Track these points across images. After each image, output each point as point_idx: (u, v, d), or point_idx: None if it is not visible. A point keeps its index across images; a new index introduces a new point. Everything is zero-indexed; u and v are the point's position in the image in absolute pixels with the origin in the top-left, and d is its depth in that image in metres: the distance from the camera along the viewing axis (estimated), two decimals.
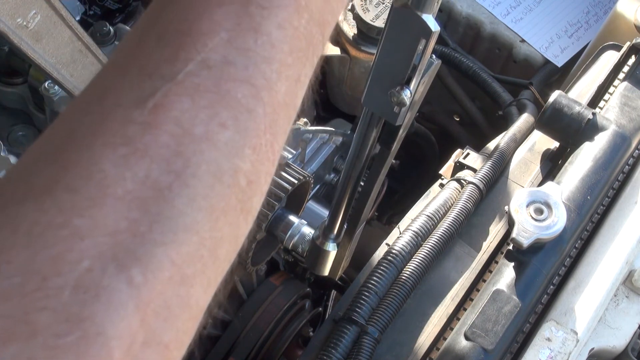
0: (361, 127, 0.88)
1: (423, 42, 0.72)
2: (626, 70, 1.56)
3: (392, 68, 0.76)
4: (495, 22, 2.10)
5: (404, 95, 0.76)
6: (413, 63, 0.75)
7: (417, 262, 1.28)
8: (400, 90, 0.76)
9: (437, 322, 1.30)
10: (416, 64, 0.75)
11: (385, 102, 0.79)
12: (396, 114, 0.80)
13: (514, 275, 1.26)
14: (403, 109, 0.79)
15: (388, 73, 0.77)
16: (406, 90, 0.76)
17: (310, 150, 1.61)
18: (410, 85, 0.76)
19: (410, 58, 0.74)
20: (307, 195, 1.30)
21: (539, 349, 1.22)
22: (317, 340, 1.26)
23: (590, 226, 1.40)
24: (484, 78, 2.00)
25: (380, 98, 0.79)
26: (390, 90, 0.77)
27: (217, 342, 1.77)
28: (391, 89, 0.77)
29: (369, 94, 0.80)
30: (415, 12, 0.70)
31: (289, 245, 1.21)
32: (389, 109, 0.80)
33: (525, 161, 1.52)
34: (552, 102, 1.44)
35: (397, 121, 0.82)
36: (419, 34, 0.72)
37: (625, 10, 1.79)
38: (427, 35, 0.72)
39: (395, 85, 0.77)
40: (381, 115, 0.84)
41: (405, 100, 0.77)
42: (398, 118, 0.81)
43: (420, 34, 0.72)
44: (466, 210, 1.36)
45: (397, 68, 0.76)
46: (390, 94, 0.77)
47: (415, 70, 0.76)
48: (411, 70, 0.76)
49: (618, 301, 1.38)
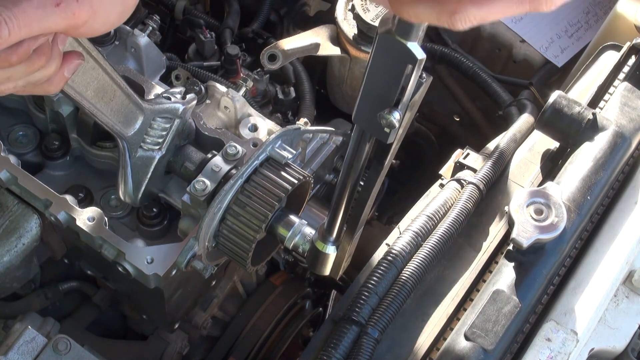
0: (353, 142, 0.86)
1: (410, 68, 0.71)
2: (626, 71, 1.56)
3: (381, 90, 0.75)
4: (495, 22, 2.10)
5: (392, 118, 0.74)
6: (401, 86, 0.73)
7: (417, 263, 1.28)
8: (389, 113, 0.74)
9: (437, 322, 1.30)
10: (404, 86, 0.73)
11: (375, 123, 0.77)
12: (387, 133, 0.78)
13: (514, 275, 1.26)
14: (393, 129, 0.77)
15: (377, 95, 0.75)
16: (395, 112, 0.75)
17: (310, 150, 1.61)
18: (399, 107, 0.75)
19: (397, 81, 0.73)
20: (307, 195, 1.30)
21: (539, 349, 1.22)
22: (317, 341, 1.26)
23: (590, 226, 1.40)
24: (484, 78, 2.00)
25: (371, 117, 0.77)
26: (379, 112, 0.75)
27: (217, 342, 1.78)
28: (380, 110, 0.75)
29: (359, 112, 0.79)
30: (400, 40, 0.68)
31: (290, 245, 1.21)
32: (380, 128, 0.78)
33: (525, 161, 1.53)
34: (552, 102, 1.44)
35: (388, 140, 0.80)
36: (405, 61, 0.70)
37: (625, 11, 1.79)
38: (413, 62, 0.70)
39: (384, 107, 0.75)
40: (372, 134, 0.83)
41: (395, 123, 0.75)
42: (389, 137, 0.79)
43: (407, 61, 0.70)
44: (466, 210, 1.36)
45: (385, 90, 0.74)
46: (379, 117, 0.75)
47: (404, 92, 0.74)
48: (399, 92, 0.74)
49: (618, 301, 1.38)
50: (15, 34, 0.73)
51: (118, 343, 1.75)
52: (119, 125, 1.19)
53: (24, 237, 1.32)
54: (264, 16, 2.12)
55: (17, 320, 1.33)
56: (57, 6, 0.74)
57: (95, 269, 1.52)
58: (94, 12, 0.78)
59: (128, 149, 1.24)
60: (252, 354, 1.74)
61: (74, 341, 1.23)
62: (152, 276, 1.23)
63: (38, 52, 0.79)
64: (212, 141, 1.35)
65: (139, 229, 1.39)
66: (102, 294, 1.68)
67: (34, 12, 0.73)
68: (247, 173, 1.18)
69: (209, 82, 1.63)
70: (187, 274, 1.30)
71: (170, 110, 1.27)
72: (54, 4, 0.74)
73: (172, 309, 1.47)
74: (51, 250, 1.44)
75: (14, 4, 0.72)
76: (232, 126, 1.56)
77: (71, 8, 0.75)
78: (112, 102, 1.15)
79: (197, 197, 1.20)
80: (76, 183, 1.44)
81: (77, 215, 1.26)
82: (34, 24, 0.73)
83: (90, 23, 0.78)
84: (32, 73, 0.80)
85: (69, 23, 0.76)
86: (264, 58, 1.72)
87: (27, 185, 1.29)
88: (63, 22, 0.76)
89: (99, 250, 1.26)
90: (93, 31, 0.81)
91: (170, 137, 1.29)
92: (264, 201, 1.17)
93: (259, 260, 1.28)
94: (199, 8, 2.16)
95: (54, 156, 1.45)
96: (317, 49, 1.79)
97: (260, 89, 1.84)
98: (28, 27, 0.73)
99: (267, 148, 1.21)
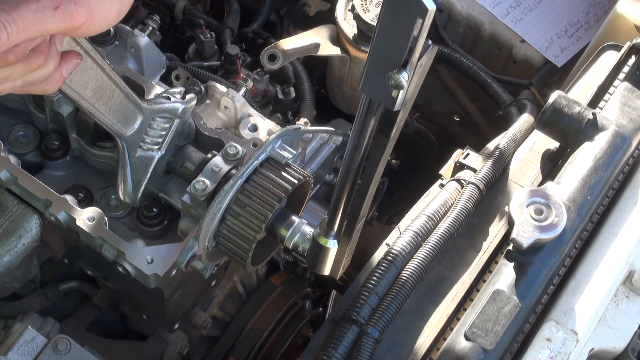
0: (359, 116, 0.87)
1: (419, 22, 0.70)
2: (626, 70, 1.56)
3: (389, 51, 0.75)
4: (495, 22, 2.10)
5: (401, 77, 0.75)
6: (409, 45, 0.73)
7: (417, 262, 1.28)
8: (398, 72, 0.75)
9: (437, 322, 1.30)
10: (413, 46, 0.73)
11: (383, 87, 0.78)
12: (394, 99, 0.79)
13: (514, 275, 1.26)
14: (400, 93, 0.78)
15: (385, 56, 0.76)
16: (403, 72, 0.75)
17: (310, 150, 1.61)
18: (407, 67, 0.75)
19: (406, 39, 0.73)
20: (307, 195, 1.30)
21: (539, 349, 1.22)
22: (317, 341, 1.26)
23: (590, 226, 1.40)
24: (484, 78, 2.00)
25: (378, 83, 0.78)
26: (388, 72, 0.76)
27: (217, 342, 1.78)
28: (388, 72, 0.76)
29: (367, 80, 0.79)
30: None
31: (290, 244, 1.21)
32: (387, 95, 0.79)
33: (525, 161, 1.52)
34: (552, 102, 1.44)
35: (395, 106, 0.80)
36: (415, 13, 0.70)
37: (625, 11, 1.79)
38: (423, 13, 0.69)
39: (392, 68, 0.75)
40: (379, 102, 0.83)
41: (403, 83, 0.75)
42: (396, 103, 0.80)
43: (416, 14, 0.70)
44: (466, 210, 1.36)
45: (393, 50, 0.75)
46: (388, 77, 0.76)
47: (412, 52, 0.74)
48: (408, 52, 0.74)
49: (618, 301, 1.38)
50: (14, 38, 0.73)
51: (118, 343, 1.75)
52: (118, 125, 1.19)
53: (24, 237, 1.32)
54: (264, 16, 2.12)
55: (17, 320, 1.33)
56: (56, 9, 0.75)
57: (95, 269, 1.52)
58: (92, 13, 0.78)
59: (127, 148, 1.24)
60: (252, 354, 1.73)
61: (74, 341, 1.23)
62: (152, 276, 1.23)
63: (36, 52, 0.79)
64: (212, 141, 1.36)
65: (139, 229, 1.39)
66: (102, 294, 1.68)
67: (32, 16, 0.73)
68: (247, 173, 1.18)
69: (209, 82, 1.63)
70: (187, 274, 1.30)
71: (170, 110, 1.27)
72: (53, 8, 0.74)
73: (172, 309, 1.47)
74: (51, 250, 1.44)
75: (12, 8, 0.72)
76: (232, 126, 1.56)
77: (69, 11, 0.76)
78: (110, 101, 1.15)
79: (197, 197, 1.20)
80: (76, 183, 1.44)
81: (77, 215, 1.26)
82: (32, 27, 0.74)
83: (87, 24, 0.79)
84: (30, 72, 0.81)
85: (67, 25, 0.77)
86: (264, 58, 1.72)
87: (27, 185, 1.29)
88: (61, 25, 0.76)
89: (99, 250, 1.26)
90: (90, 31, 0.82)
91: (170, 137, 1.29)
92: (264, 201, 1.17)
93: (259, 261, 1.28)
94: (199, 8, 2.16)
95: (54, 156, 1.45)
96: (317, 49, 1.79)
97: (260, 89, 1.84)
98: (27, 31, 0.74)
99: (267, 148, 1.21)
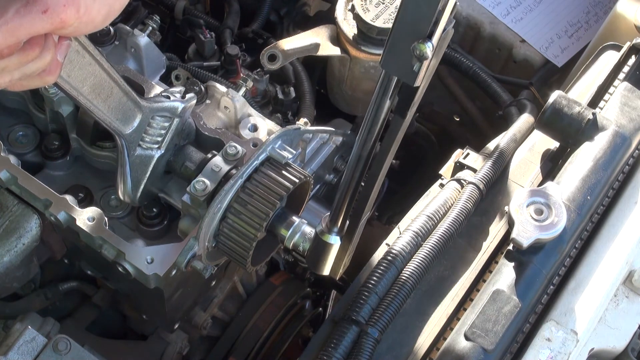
0: (375, 99, 0.87)
1: None
2: (626, 70, 1.56)
3: (415, 21, 0.76)
4: (495, 22, 2.10)
5: (427, 46, 0.76)
6: (435, 17, 0.75)
7: (417, 262, 1.28)
8: (423, 42, 0.76)
9: (437, 322, 1.30)
10: (438, 18, 0.75)
11: (404, 62, 0.79)
12: (415, 74, 0.80)
13: (514, 275, 1.26)
14: (422, 68, 0.78)
15: (410, 28, 0.77)
16: (429, 42, 0.76)
17: (310, 150, 1.61)
18: (432, 38, 0.76)
19: (433, 9, 0.74)
20: (307, 195, 1.30)
21: (539, 349, 1.22)
22: (317, 341, 1.26)
23: (590, 226, 1.40)
24: (483, 78, 2.00)
25: (399, 58, 0.79)
26: (413, 44, 0.77)
27: (217, 342, 1.78)
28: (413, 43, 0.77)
29: (388, 55, 0.80)
30: None
31: (290, 244, 1.21)
32: (408, 70, 0.79)
33: (525, 161, 1.52)
34: (552, 102, 1.44)
35: (415, 81, 0.81)
36: None
37: (625, 11, 1.79)
38: None
39: (418, 39, 0.76)
40: (399, 77, 0.84)
41: (428, 53, 0.76)
42: (417, 78, 0.80)
43: None
44: (466, 210, 1.36)
45: (420, 21, 0.76)
46: (413, 48, 0.77)
47: (437, 24, 0.76)
48: (433, 24, 0.76)
49: (618, 301, 1.38)
50: (2, 42, 0.75)
51: (118, 343, 1.75)
52: (117, 123, 1.19)
53: (24, 237, 1.32)
54: (264, 16, 2.12)
55: (17, 320, 1.33)
56: (44, 13, 0.76)
57: (95, 269, 1.52)
58: (80, 16, 0.80)
59: (126, 146, 1.24)
60: (252, 354, 1.73)
61: (74, 341, 1.23)
62: (152, 276, 1.23)
63: (31, 43, 0.80)
64: (212, 141, 1.36)
65: (139, 229, 1.39)
66: (102, 294, 1.68)
67: (20, 19, 0.75)
68: (248, 173, 1.18)
69: (208, 82, 1.63)
70: (187, 274, 1.30)
71: (169, 108, 1.27)
72: (41, 11, 0.76)
73: (172, 309, 1.47)
74: (51, 250, 1.44)
75: (0, 13, 0.74)
76: (232, 126, 1.56)
77: (58, 13, 0.77)
78: (109, 98, 1.14)
79: (197, 197, 1.20)
80: (76, 183, 1.44)
81: (77, 215, 1.26)
82: (21, 30, 0.75)
83: (76, 25, 0.80)
84: (27, 64, 0.82)
85: (55, 27, 0.78)
86: (264, 58, 1.72)
87: (27, 185, 1.29)
88: (50, 27, 0.78)
89: (99, 250, 1.26)
90: (78, 33, 0.83)
91: (170, 136, 1.29)
92: (266, 199, 1.17)
93: (259, 261, 1.28)
94: (199, 8, 2.16)
95: (54, 156, 1.45)
96: (317, 49, 1.79)
97: (260, 89, 1.84)
98: (15, 35, 0.75)
99: (267, 148, 1.21)
